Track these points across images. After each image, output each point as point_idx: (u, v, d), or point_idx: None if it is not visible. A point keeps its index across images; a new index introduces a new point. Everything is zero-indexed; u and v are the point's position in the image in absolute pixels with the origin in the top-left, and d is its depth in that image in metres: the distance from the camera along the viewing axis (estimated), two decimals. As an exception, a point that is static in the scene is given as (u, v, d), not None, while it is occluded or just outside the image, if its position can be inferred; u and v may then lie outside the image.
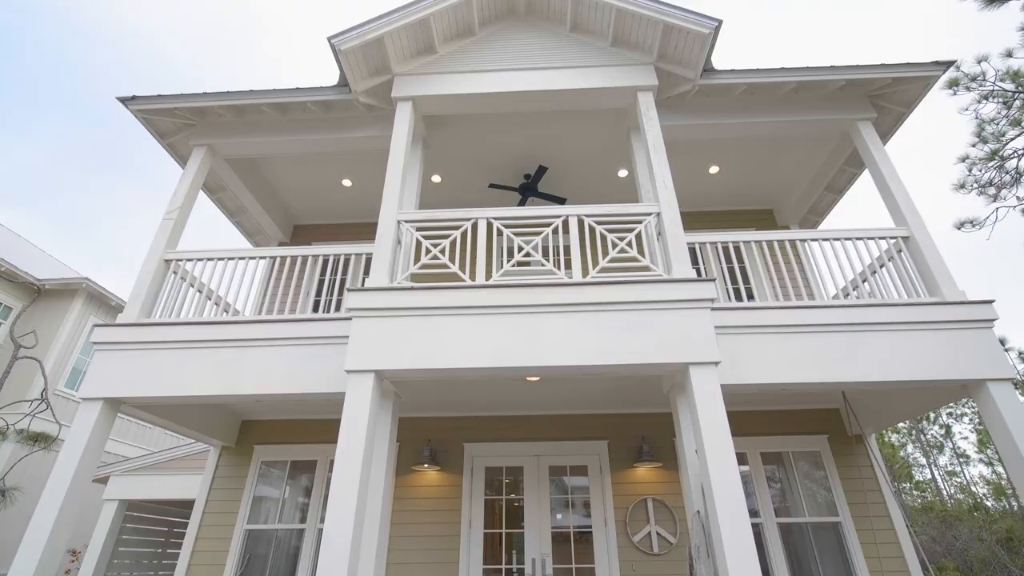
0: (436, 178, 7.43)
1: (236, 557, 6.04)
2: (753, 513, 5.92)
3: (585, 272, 6.15)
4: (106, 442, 4.71)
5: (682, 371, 4.19)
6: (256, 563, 6.13)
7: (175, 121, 6.20)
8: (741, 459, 6.08)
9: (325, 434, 6.45)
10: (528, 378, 5.19)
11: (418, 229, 5.12)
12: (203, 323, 4.98)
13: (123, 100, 5.93)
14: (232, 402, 6.28)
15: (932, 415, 25.03)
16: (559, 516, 6.24)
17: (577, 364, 4.15)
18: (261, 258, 5.51)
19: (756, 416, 6.42)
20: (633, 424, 6.49)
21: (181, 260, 5.44)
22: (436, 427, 6.56)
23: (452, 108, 6.04)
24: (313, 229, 8.43)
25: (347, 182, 7.56)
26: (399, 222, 5.05)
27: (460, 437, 6.53)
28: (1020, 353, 21.55)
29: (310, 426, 6.70)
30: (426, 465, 6.22)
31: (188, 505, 7.63)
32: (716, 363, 4.08)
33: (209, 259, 5.45)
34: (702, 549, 3.83)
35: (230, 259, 5.43)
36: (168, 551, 9.18)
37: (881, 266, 5.30)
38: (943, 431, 25.79)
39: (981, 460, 24.85)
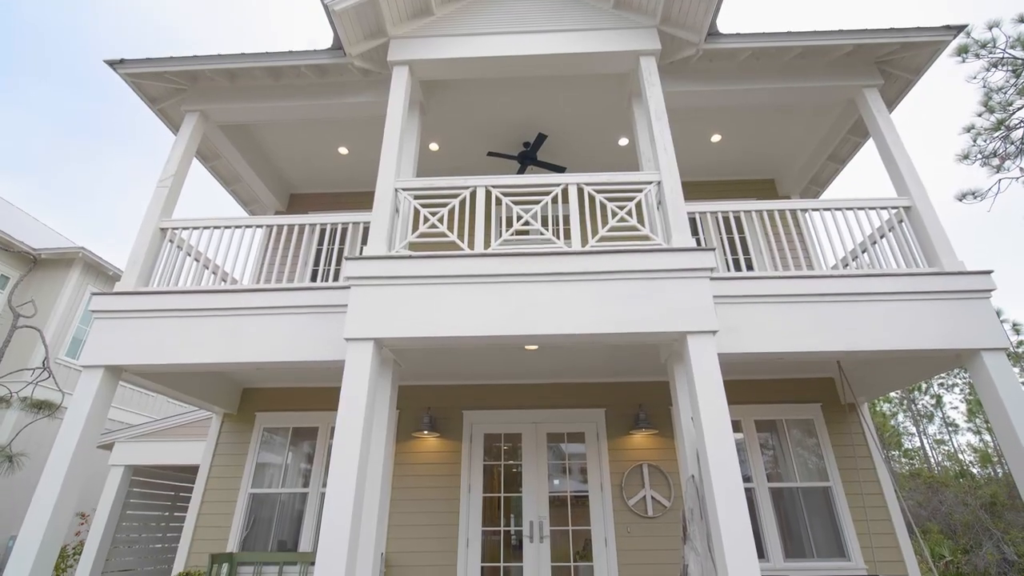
0: (434, 146, 7.31)
1: (241, 519, 6.20)
2: (746, 479, 6.06)
3: (584, 241, 6.12)
4: (109, 409, 4.76)
5: (680, 340, 4.21)
6: (261, 525, 6.30)
7: (166, 86, 6.04)
8: (736, 426, 6.15)
9: (326, 402, 6.53)
10: (526, 347, 5.23)
11: (416, 197, 5.06)
12: (201, 291, 4.97)
13: (111, 63, 5.76)
14: (232, 370, 6.33)
15: (924, 385, 25.44)
16: (556, 481, 6.38)
17: (576, 333, 4.16)
18: (257, 227, 5.47)
19: (752, 385, 6.51)
20: (630, 392, 6.58)
21: (177, 229, 5.40)
22: (435, 395, 6.65)
23: (449, 73, 5.89)
24: (310, 198, 8.34)
25: (343, 150, 7.44)
26: (397, 190, 4.99)
27: (459, 405, 6.63)
28: (1014, 325, 21.78)
29: (311, 394, 6.78)
30: (426, 432, 6.33)
31: (193, 470, 7.79)
32: (714, 332, 4.10)
33: (205, 228, 5.41)
34: (696, 511, 3.93)
35: (226, 228, 5.39)
36: (175, 514, 9.41)
37: (881, 236, 5.28)
38: (934, 401, 26.25)
39: (970, 429, 25.39)
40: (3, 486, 9.28)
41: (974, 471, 21.24)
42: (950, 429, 26.14)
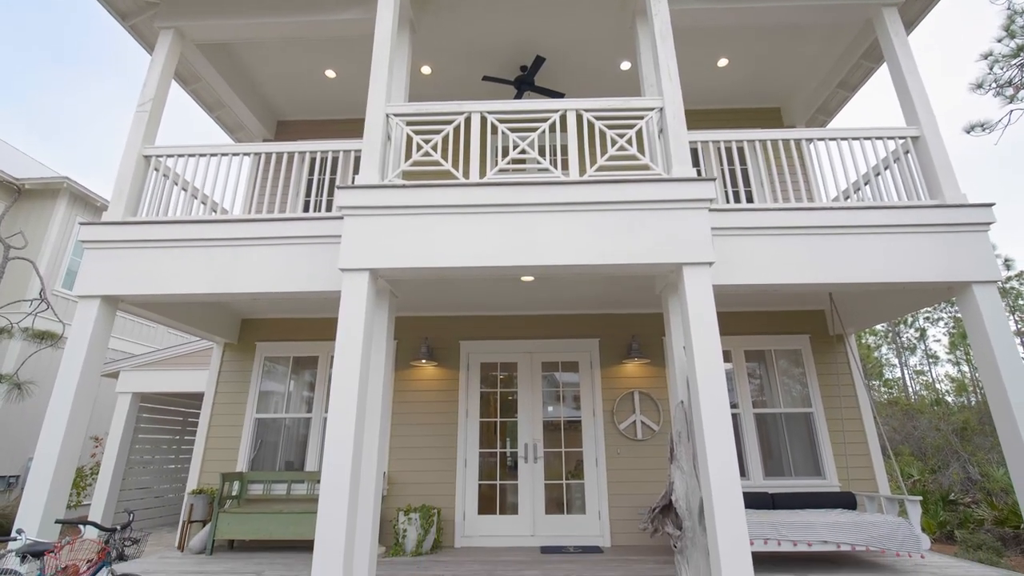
0: (426, 69, 6.94)
1: (248, 442, 6.48)
2: (732, 405, 6.32)
3: (582, 170, 5.97)
4: (109, 339, 4.82)
5: (676, 271, 4.22)
6: (268, 448, 6.60)
7: (135, -2, 5.61)
8: (726, 356, 6.35)
9: (325, 332, 6.63)
10: (523, 278, 5.24)
11: (408, 123, 4.87)
12: (192, 222, 4.89)
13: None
14: (229, 300, 6.37)
15: (910, 318, 26.06)
16: (550, 408, 6.65)
17: (572, 264, 4.16)
18: (245, 155, 5.28)
19: (743, 316, 6.63)
20: (624, 323, 6.71)
21: (161, 156, 5.21)
22: (432, 325, 6.76)
23: (442, -15, 5.47)
24: (298, 125, 8.02)
25: (331, 72, 7.06)
26: (388, 115, 4.78)
27: (456, 335, 6.76)
28: (1006, 260, 21.95)
29: (310, 324, 6.88)
30: (424, 361, 6.50)
31: (198, 397, 8.03)
32: (710, 264, 4.10)
33: (191, 155, 5.23)
34: (683, 434, 4.12)
35: (212, 156, 5.21)
36: (186, 438, 9.84)
37: (885, 168, 5.18)
38: (918, 334, 27.00)
39: (949, 360, 26.31)
40: (15, 412, 9.60)
41: (949, 399, 22.23)
42: (931, 361, 27.09)
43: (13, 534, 3.77)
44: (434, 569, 4.88)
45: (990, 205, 4.67)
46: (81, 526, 3.90)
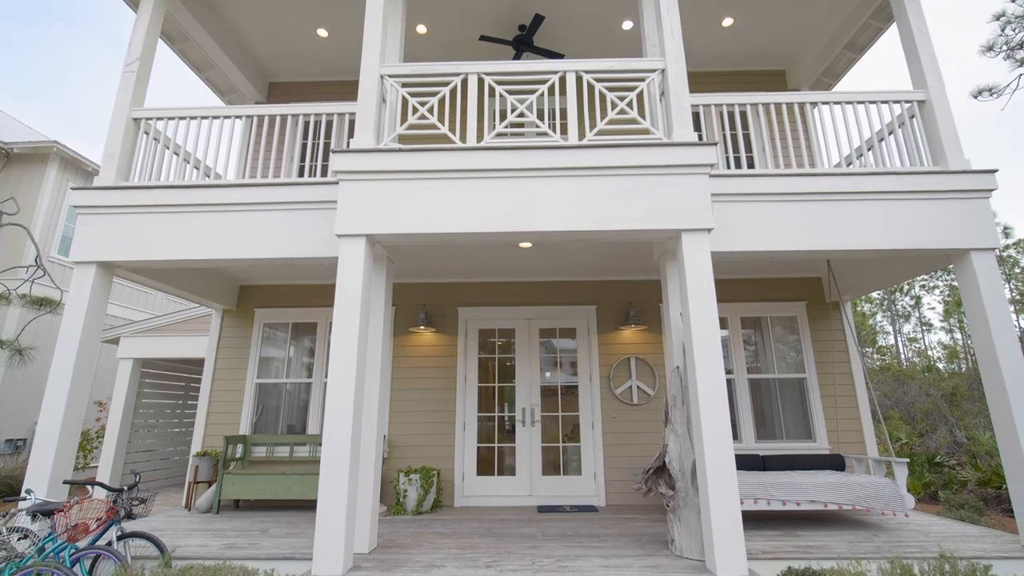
0: (421, 28, 6.71)
1: (250, 407, 6.58)
2: (727, 371, 6.41)
3: (582, 134, 5.85)
4: (107, 304, 4.83)
5: (675, 238, 4.21)
6: (269, 413, 6.71)
7: (117, -50, 5.36)
8: (722, 323, 6.36)
9: (324, 298, 6.64)
10: (520, 244, 5.22)
11: (404, 85, 4.74)
12: (186, 186, 4.83)
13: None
14: (225, 266, 6.34)
15: (906, 286, 26.20)
16: (548, 374, 6.73)
17: (571, 229, 4.13)
18: (236, 117, 5.16)
19: (740, 284, 6.66)
20: (621, 290, 6.73)
21: (151, 119, 5.10)
22: (430, 292, 6.78)
23: (437, -62, 5.23)
24: (291, 87, 7.81)
25: (323, 31, 6.83)
26: (383, 76, 4.66)
27: (454, 302, 6.78)
28: (1005, 228, 21.89)
29: (308, 290, 6.88)
30: (422, 327, 6.54)
31: (200, 363, 8.11)
32: (709, 230, 4.09)
33: (181, 118, 5.11)
34: (678, 399, 4.19)
35: (203, 118, 5.09)
36: (188, 402, 9.98)
37: (890, 133, 5.10)
38: (913, 302, 27.19)
39: (942, 328, 26.61)
40: (19, 377, 9.70)
41: (940, 366, 22.58)
42: (924, 328, 27.39)
43: (23, 494, 3.87)
44: (434, 527, 5.05)
45: (993, 171, 4.63)
46: (89, 487, 4.00)
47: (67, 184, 11.60)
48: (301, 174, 7.05)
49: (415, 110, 4.59)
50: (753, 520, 4.95)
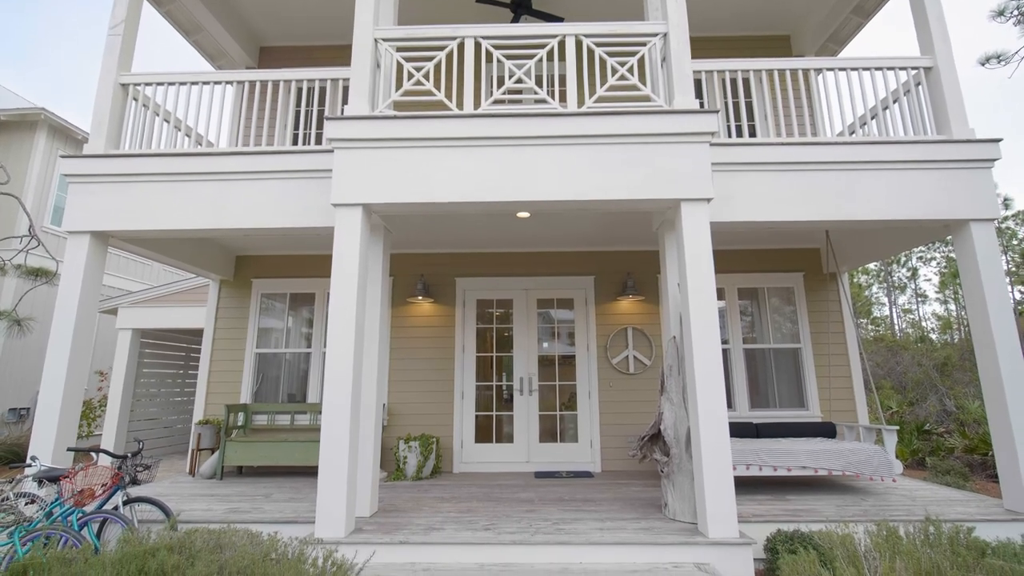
0: (416, -11, 6.48)
1: (250, 376, 6.65)
2: (723, 341, 6.46)
3: (581, 102, 5.74)
4: (103, 274, 4.81)
5: (674, 207, 4.18)
6: (269, 382, 6.78)
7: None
8: (719, 294, 6.42)
9: (321, 268, 6.62)
10: (518, 214, 5.18)
11: (399, 49, 4.61)
12: (178, 155, 4.74)
13: None
14: (220, 236, 6.31)
15: (903, 257, 26.25)
16: (545, 344, 6.79)
17: (569, 199, 4.10)
18: (228, 83, 5.04)
19: (738, 254, 6.65)
20: (619, 260, 6.72)
21: (139, 84, 4.96)
22: (428, 262, 6.76)
23: None
24: (283, 52, 7.59)
25: (314, -8, 6.60)
26: (377, 40, 4.52)
27: (452, 272, 6.77)
28: (1005, 200, 21.79)
29: (306, 261, 6.86)
30: (420, 298, 6.55)
31: (199, 333, 8.14)
32: (709, 200, 4.05)
33: (170, 83, 4.98)
34: (674, 368, 4.24)
35: (193, 84, 4.97)
36: (189, 371, 10.07)
37: (894, 101, 5.01)
38: (910, 273, 27.30)
39: (938, 299, 26.81)
40: (19, 347, 9.75)
41: (933, 337, 22.86)
42: (919, 299, 27.58)
43: (28, 461, 3.93)
44: (434, 491, 5.17)
45: (997, 141, 4.57)
46: (93, 454, 4.07)
47: (57, 153, 11.39)
48: (295, 142, 6.93)
49: (410, 75, 4.48)
50: (745, 485, 5.08)
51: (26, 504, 3.69)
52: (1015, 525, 3.92)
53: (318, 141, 6.42)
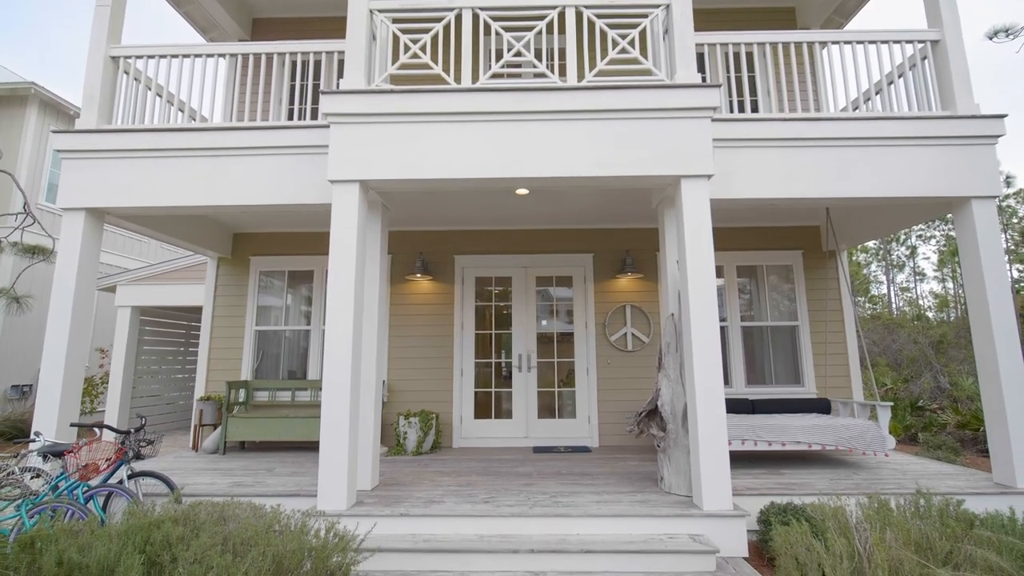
0: (413, -43, 6.30)
1: (251, 353, 6.68)
2: (721, 319, 6.49)
3: (581, 76, 5.64)
4: (100, 251, 4.79)
5: (673, 184, 4.14)
6: (269, 359, 6.82)
7: None
8: (718, 272, 6.43)
9: (319, 246, 6.57)
10: (517, 191, 5.14)
11: (394, 21, 4.51)
12: (171, 130, 4.67)
13: None
14: (217, 213, 6.26)
15: (903, 235, 26.21)
16: (544, 322, 6.81)
17: (569, 175, 4.06)
18: (220, 56, 4.93)
19: (737, 232, 6.63)
20: (618, 238, 6.70)
21: (130, 57, 4.86)
22: (426, 240, 6.74)
23: None
24: (276, 24, 7.41)
25: (307, -39, 6.41)
26: (372, 12, 4.41)
27: (450, 249, 6.75)
28: (1007, 178, 21.65)
29: (303, 238, 6.83)
30: (419, 275, 6.54)
31: (198, 311, 8.16)
32: (709, 176, 4.02)
33: (161, 56, 4.88)
34: (672, 345, 4.26)
35: (185, 56, 4.86)
36: (190, 349, 10.13)
37: (900, 76, 4.92)
38: (909, 251, 27.30)
39: (935, 278, 26.87)
40: (19, 324, 9.76)
41: (930, 315, 22.97)
42: (917, 278, 27.64)
43: (32, 436, 3.98)
44: (434, 466, 5.26)
45: (1002, 116, 4.52)
46: (96, 429, 4.11)
47: (49, 129, 11.22)
48: (291, 117, 6.81)
49: (407, 48, 4.39)
50: (740, 460, 5.16)
51: (31, 478, 3.75)
52: (1004, 498, 4.00)
53: (314, 116, 6.33)
